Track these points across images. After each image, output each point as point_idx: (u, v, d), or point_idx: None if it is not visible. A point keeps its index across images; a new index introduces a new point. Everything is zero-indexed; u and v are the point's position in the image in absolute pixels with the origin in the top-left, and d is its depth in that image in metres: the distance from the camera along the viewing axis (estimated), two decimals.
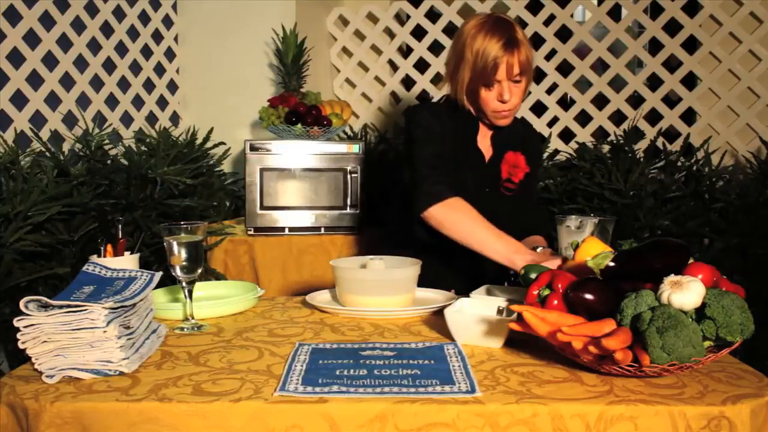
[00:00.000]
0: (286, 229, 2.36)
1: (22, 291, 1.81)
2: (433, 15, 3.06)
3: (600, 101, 2.97)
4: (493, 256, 1.54)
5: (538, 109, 3.00)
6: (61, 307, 1.10)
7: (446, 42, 3.03)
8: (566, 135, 2.98)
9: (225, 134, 2.79)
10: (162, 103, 2.88)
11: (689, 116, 2.93)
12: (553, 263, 1.35)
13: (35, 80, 2.23)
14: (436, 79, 3.09)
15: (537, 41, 2.97)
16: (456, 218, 1.58)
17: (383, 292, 1.47)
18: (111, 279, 1.25)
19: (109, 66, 2.55)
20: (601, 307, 1.08)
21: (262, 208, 2.35)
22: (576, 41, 2.94)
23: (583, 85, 2.99)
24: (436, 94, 3.07)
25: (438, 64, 3.06)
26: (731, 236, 2.43)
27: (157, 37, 2.84)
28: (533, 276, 1.27)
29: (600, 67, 2.98)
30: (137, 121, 2.70)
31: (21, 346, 1.09)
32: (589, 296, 1.09)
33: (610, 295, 1.09)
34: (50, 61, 2.29)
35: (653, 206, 2.52)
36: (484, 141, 1.81)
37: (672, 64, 2.91)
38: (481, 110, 1.74)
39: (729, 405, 0.96)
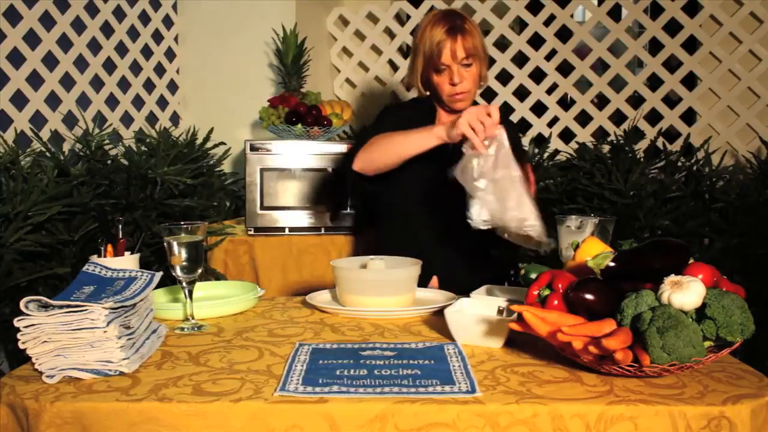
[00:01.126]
0: (286, 229, 2.36)
1: (22, 291, 1.81)
2: None
3: (600, 101, 2.98)
4: (420, 147, 1.61)
5: (538, 109, 3.01)
6: (61, 307, 1.10)
7: None
8: (566, 135, 2.98)
9: (225, 134, 2.79)
10: (162, 103, 2.88)
11: (689, 116, 2.93)
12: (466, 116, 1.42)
13: (35, 80, 2.23)
14: None
15: (537, 41, 2.97)
16: (376, 146, 1.70)
17: (383, 292, 1.47)
18: (111, 279, 1.25)
19: (109, 66, 2.55)
20: (601, 307, 1.08)
21: (262, 208, 2.35)
22: (576, 41, 2.94)
23: (583, 85, 2.99)
24: None
25: None
26: (731, 236, 2.43)
27: (157, 37, 2.84)
28: (533, 276, 1.27)
29: (600, 67, 2.98)
30: (137, 121, 2.70)
31: (21, 346, 1.09)
32: (589, 296, 1.09)
33: (610, 295, 1.09)
34: (50, 61, 2.28)
35: (653, 206, 2.52)
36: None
37: (672, 64, 2.91)
38: (439, 97, 1.85)
39: (729, 405, 0.96)
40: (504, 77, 3.02)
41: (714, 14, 2.82)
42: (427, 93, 1.89)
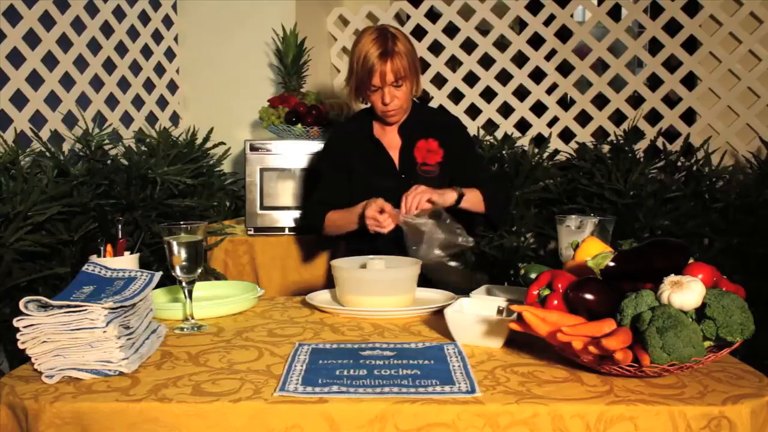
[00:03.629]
0: (286, 229, 2.36)
1: (22, 291, 1.81)
2: (433, 15, 3.06)
3: (600, 101, 2.97)
4: (357, 223, 1.83)
5: (538, 109, 3.00)
6: (60, 307, 1.10)
7: (446, 42, 3.03)
8: (566, 135, 2.98)
9: (225, 134, 2.79)
10: (162, 103, 2.88)
11: (689, 116, 2.93)
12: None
13: (35, 80, 2.23)
14: (437, 80, 3.09)
15: (537, 41, 2.97)
16: (330, 226, 1.96)
17: (383, 292, 1.47)
18: (111, 279, 1.24)
19: (109, 66, 2.55)
20: (601, 307, 1.08)
21: (262, 208, 2.35)
22: (576, 41, 2.94)
23: (583, 85, 2.99)
24: (436, 94, 3.07)
25: (438, 64, 3.06)
26: (731, 236, 2.43)
27: (157, 37, 2.83)
28: (533, 276, 1.27)
29: (600, 67, 2.98)
30: (137, 121, 2.70)
31: (21, 346, 1.09)
32: (589, 296, 1.09)
33: (610, 295, 1.09)
34: (50, 61, 2.28)
35: (653, 206, 2.52)
36: (388, 134, 2.01)
37: (672, 64, 2.91)
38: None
39: (729, 405, 0.96)
40: (504, 77, 3.02)
41: (714, 14, 2.82)
42: (368, 104, 2.00)
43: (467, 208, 1.84)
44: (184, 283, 1.37)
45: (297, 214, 2.36)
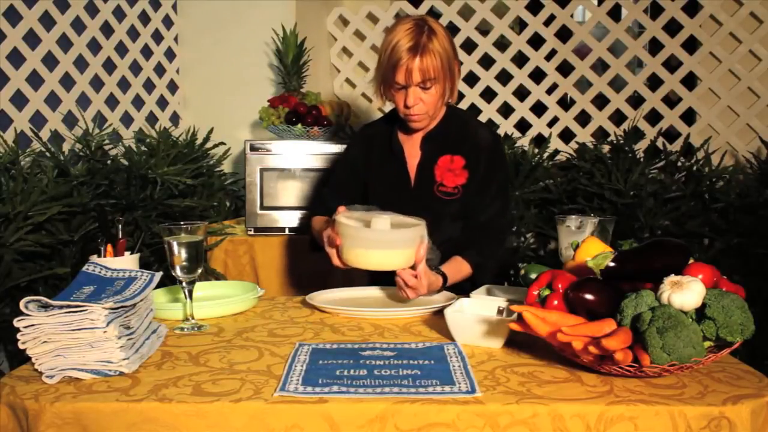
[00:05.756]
0: (286, 229, 2.36)
1: (22, 291, 1.81)
2: (433, 15, 3.05)
3: (600, 101, 2.97)
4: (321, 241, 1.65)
5: (538, 109, 3.00)
6: (61, 307, 1.10)
7: None
8: (566, 135, 2.98)
9: (225, 134, 2.79)
10: (162, 103, 2.88)
11: (689, 116, 2.93)
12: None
13: (35, 80, 2.23)
14: None
15: (537, 41, 2.97)
16: (312, 229, 1.83)
17: (386, 246, 1.46)
18: (111, 279, 1.25)
19: (109, 66, 2.55)
20: (601, 307, 1.08)
21: (262, 208, 2.35)
22: (576, 41, 2.94)
23: (583, 85, 2.99)
24: None
25: None
26: (731, 236, 2.43)
27: (157, 37, 2.83)
28: (533, 276, 1.27)
29: (600, 67, 2.98)
30: (137, 121, 2.70)
31: (21, 346, 1.09)
32: (589, 296, 1.09)
33: (610, 295, 1.09)
34: (50, 61, 2.28)
35: (653, 206, 2.52)
36: (411, 143, 1.81)
37: (672, 64, 2.91)
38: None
39: (729, 405, 0.96)
40: (504, 77, 3.02)
41: (714, 14, 2.82)
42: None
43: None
44: (184, 283, 1.37)
45: (297, 214, 2.36)
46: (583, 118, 2.98)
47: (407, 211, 1.57)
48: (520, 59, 3.03)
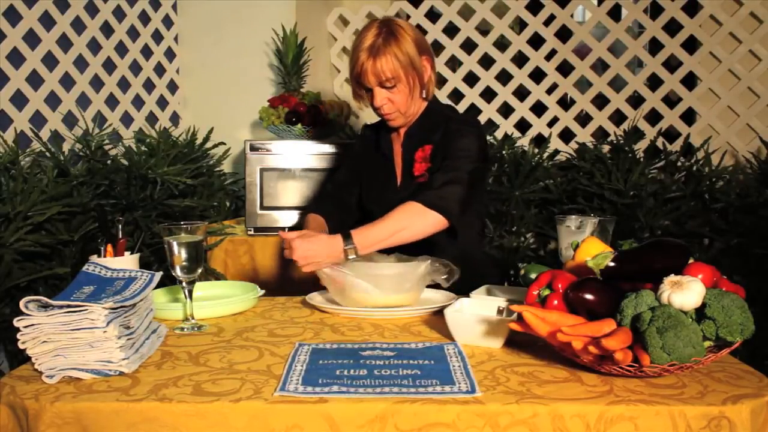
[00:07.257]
0: (287, 230, 2.35)
1: (22, 291, 1.81)
2: (433, 15, 3.06)
3: (600, 101, 2.97)
4: None
5: (538, 109, 3.00)
6: (61, 307, 1.10)
7: (446, 42, 3.03)
8: (566, 135, 2.98)
9: (225, 134, 2.79)
10: (162, 103, 2.88)
11: (689, 116, 2.93)
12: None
13: (35, 80, 2.23)
14: (437, 80, 3.09)
15: (537, 41, 2.97)
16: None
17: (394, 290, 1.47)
18: (111, 279, 1.25)
19: (109, 66, 2.55)
20: (601, 307, 1.08)
21: (262, 208, 2.35)
22: (576, 41, 2.94)
23: (583, 85, 2.99)
24: (436, 94, 3.06)
25: (438, 65, 3.04)
26: (731, 236, 2.43)
27: (157, 37, 2.83)
28: (533, 276, 1.27)
29: (600, 67, 2.98)
30: (137, 121, 2.70)
31: (21, 346, 1.09)
32: (589, 296, 1.09)
33: (610, 295, 1.09)
34: (50, 61, 2.28)
35: (653, 206, 2.52)
36: (396, 143, 1.84)
37: (672, 64, 2.91)
38: None
39: (729, 405, 0.96)
40: (504, 77, 3.02)
41: (714, 14, 2.82)
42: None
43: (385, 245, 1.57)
44: (184, 283, 1.37)
45: (297, 214, 2.36)
46: (583, 118, 2.98)
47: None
48: (520, 59, 3.03)
